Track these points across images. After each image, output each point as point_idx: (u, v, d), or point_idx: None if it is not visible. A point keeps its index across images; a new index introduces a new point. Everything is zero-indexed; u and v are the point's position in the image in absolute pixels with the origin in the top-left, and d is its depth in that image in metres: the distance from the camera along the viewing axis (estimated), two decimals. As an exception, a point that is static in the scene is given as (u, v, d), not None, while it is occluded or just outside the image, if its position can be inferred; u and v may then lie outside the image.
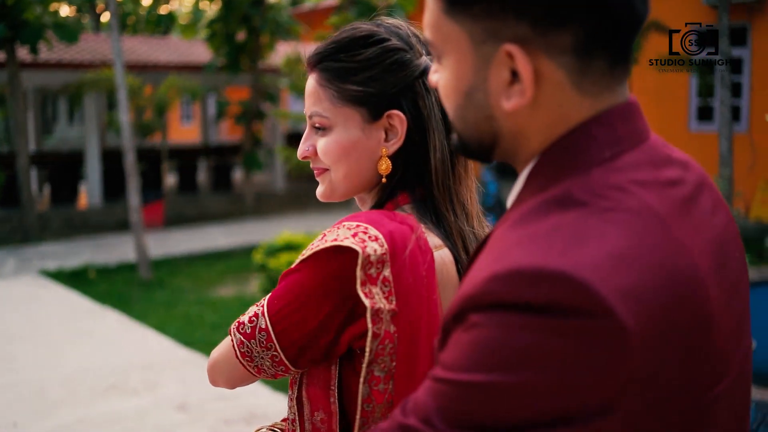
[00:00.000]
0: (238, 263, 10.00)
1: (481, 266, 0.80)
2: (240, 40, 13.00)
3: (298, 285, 1.17)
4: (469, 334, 0.76)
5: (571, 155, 0.83)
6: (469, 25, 0.84)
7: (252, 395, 5.23)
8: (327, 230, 1.18)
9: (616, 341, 0.72)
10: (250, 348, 1.21)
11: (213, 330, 7.07)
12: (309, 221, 12.67)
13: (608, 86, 0.84)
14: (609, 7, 0.79)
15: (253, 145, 13.68)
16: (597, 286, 0.72)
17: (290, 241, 5.88)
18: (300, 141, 1.32)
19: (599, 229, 0.77)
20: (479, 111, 0.87)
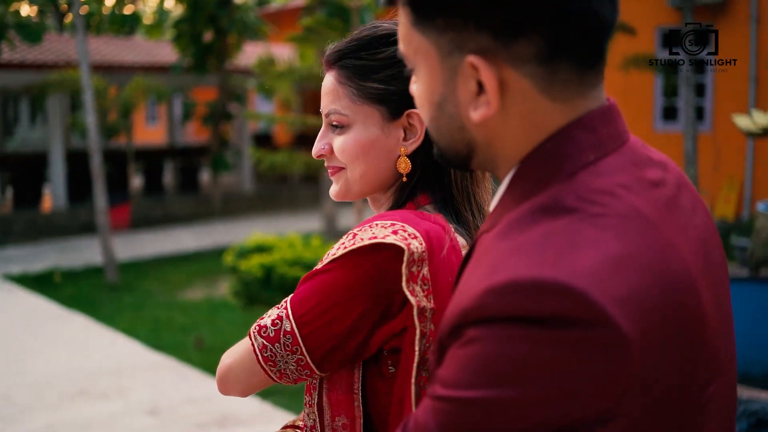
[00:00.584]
0: (206, 265, 9.92)
1: (474, 279, 0.79)
2: (207, 40, 12.90)
3: (328, 285, 1.14)
4: (467, 349, 0.75)
5: (555, 160, 0.83)
6: (435, 37, 0.84)
7: (224, 398, 5.18)
8: (356, 230, 1.15)
9: (616, 349, 0.71)
10: (274, 352, 1.17)
11: (183, 333, 7.00)
12: (278, 223, 12.61)
13: (579, 92, 0.83)
14: (569, 16, 0.78)
15: (220, 147, 13.59)
16: (594, 294, 0.71)
17: (261, 243, 5.84)
18: (266, 142, 1.30)
19: (591, 235, 0.76)
20: (451, 122, 0.88)
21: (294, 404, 5.21)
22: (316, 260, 5.57)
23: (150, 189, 14.88)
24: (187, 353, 6.34)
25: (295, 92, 14.09)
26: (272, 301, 5.58)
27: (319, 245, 5.83)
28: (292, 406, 5.15)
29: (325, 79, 1.28)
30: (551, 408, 0.71)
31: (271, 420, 4.86)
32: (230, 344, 5.21)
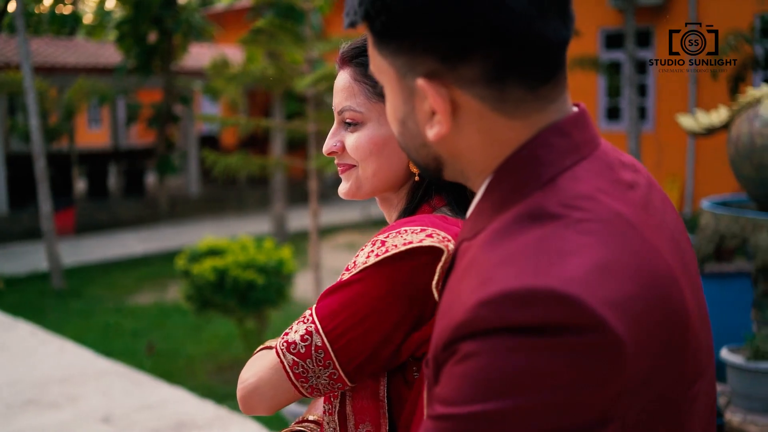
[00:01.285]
0: (154, 270, 9.79)
1: (463, 291, 0.79)
2: (151, 41, 12.71)
3: (360, 296, 1.12)
4: (464, 365, 0.75)
5: (532, 166, 0.84)
6: (391, 59, 0.87)
7: (179, 403, 5.13)
8: (382, 237, 1.13)
9: (612, 353, 0.73)
10: (306, 368, 1.15)
11: (133, 338, 6.90)
12: (226, 225, 12.50)
13: (537, 107, 0.84)
14: (509, 40, 0.79)
15: (166, 149, 13.40)
16: (587, 299, 0.73)
17: (213, 246, 5.77)
18: (213, 144, 1.29)
19: (578, 241, 0.77)
20: (414, 138, 0.91)
21: (250, 408, 5.18)
22: (269, 263, 5.54)
23: (94, 193, 14.60)
24: (138, 359, 6.25)
25: (242, 94, 13.97)
26: (225, 304, 5.53)
27: (272, 247, 5.80)
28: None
29: (339, 77, 1.26)
30: (553, 415, 0.72)
31: (228, 424, 4.82)
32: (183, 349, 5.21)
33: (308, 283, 8.58)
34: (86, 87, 12.45)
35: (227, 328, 6.91)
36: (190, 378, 5.84)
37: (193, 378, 5.84)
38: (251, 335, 5.95)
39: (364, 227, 12.42)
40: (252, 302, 5.50)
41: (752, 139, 3.48)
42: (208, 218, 13.73)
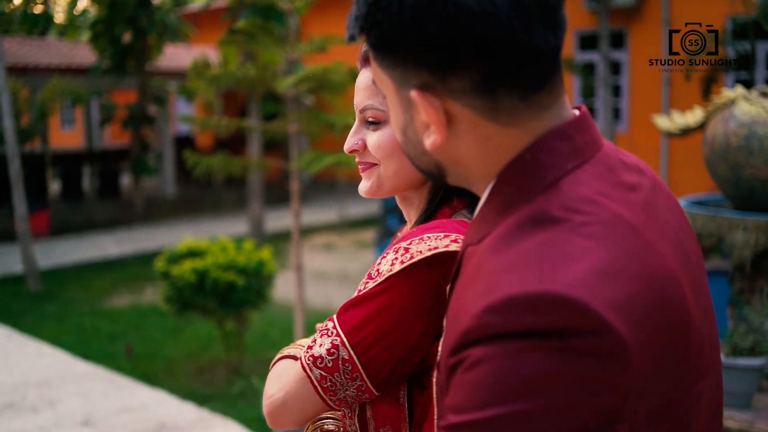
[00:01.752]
0: (131, 272, 9.73)
1: (469, 298, 0.81)
2: (126, 41, 12.62)
3: (385, 307, 1.11)
4: (473, 372, 0.76)
5: (535, 170, 0.86)
6: (388, 71, 0.90)
7: (160, 405, 5.12)
8: (405, 244, 1.13)
9: (617, 355, 0.75)
10: (334, 381, 1.15)
11: (111, 341, 6.85)
12: (202, 227, 12.45)
13: (531, 114, 0.86)
14: (495, 51, 0.81)
15: (142, 150, 13.31)
16: (591, 303, 0.74)
17: (193, 248, 5.76)
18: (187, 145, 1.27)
19: (581, 245, 0.79)
20: (415, 146, 0.94)
21: (230, 410, 5.17)
22: (249, 264, 5.53)
23: (68, 194, 14.45)
24: (117, 362, 6.22)
25: (217, 95, 13.91)
26: (206, 306, 5.52)
27: (252, 249, 5.80)
28: (228, 412, 5.12)
29: (362, 75, 1.26)
30: (563, 417, 0.74)
31: (210, 426, 4.82)
32: (162, 351, 5.20)
33: (288, 284, 8.57)
34: (60, 87, 12.34)
35: (206, 329, 6.89)
36: (170, 380, 5.82)
37: (173, 380, 5.82)
38: (231, 337, 5.94)
39: (342, 228, 12.43)
40: (232, 303, 5.49)
41: (727, 140, 3.54)
42: (184, 220, 13.65)
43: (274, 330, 7.07)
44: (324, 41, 3.93)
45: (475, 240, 0.89)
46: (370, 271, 1.17)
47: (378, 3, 0.84)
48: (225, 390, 5.59)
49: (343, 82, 3.82)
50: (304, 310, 4.13)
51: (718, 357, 0.96)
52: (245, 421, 4.98)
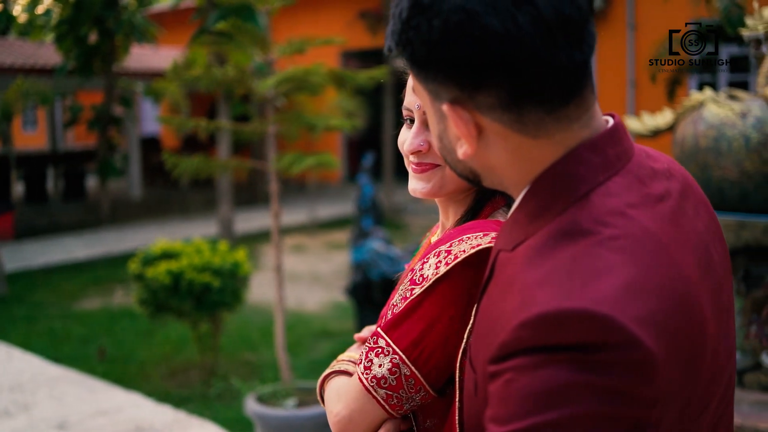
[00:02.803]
0: (100, 274, 9.63)
1: (505, 310, 0.85)
2: (92, 42, 12.49)
3: (437, 317, 1.14)
4: (512, 384, 0.80)
5: (568, 181, 0.90)
6: (424, 84, 0.94)
7: (135, 408, 5.09)
8: (445, 248, 1.14)
9: (644, 366, 0.79)
10: (400, 397, 1.18)
11: (82, 344, 6.80)
12: (170, 229, 12.36)
13: (559, 127, 0.89)
14: (518, 70, 0.85)
15: (108, 151, 13.18)
16: (619, 318, 0.78)
17: (167, 249, 5.74)
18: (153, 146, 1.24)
19: (609, 259, 0.83)
20: (450, 154, 0.98)
21: (207, 412, 5.17)
22: (224, 265, 5.53)
23: (32, 197, 14.27)
24: (89, 365, 6.17)
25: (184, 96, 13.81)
26: (181, 308, 5.50)
27: (226, 250, 5.79)
28: (206, 414, 5.11)
29: None
30: (595, 425, 0.78)
31: (187, 427, 4.81)
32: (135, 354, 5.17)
33: (261, 285, 8.56)
34: (24, 88, 12.16)
35: (179, 331, 6.86)
36: (144, 383, 5.79)
37: (148, 383, 5.79)
38: (205, 338, 5.93)
39: (312, 230, 12.42)
40: (207, 305, 5.48)
41: (697, 141, 3.63)
42: (152, 222, 13.54)
43: (248, 331, 7.06)
44: (303, 43, 3.96)
45: (508, 246, 0.93)
46: (412, 277, 1.18)
47: (409, 21, 0.88)
48: (201, 392, 5.58)
49: (323, 84, 3.85)
50: (283, 311, 4.14)
51: (732, 359, 1.00)
52: (223, 422, 4.98)
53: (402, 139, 1.31)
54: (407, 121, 1.31)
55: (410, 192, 1.30)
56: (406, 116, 1.30)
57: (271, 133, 4.05)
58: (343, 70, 3.93)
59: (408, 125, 1.31)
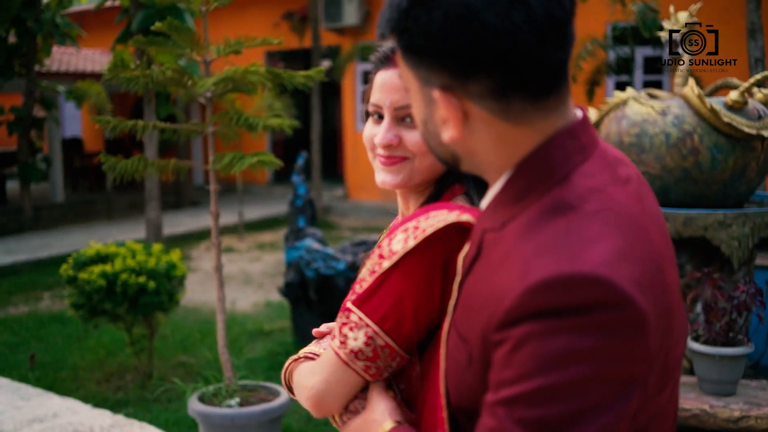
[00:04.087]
0: (25, 280, 9.40)
1: (505, 280, 0.91)
2: (11, 42, 12.13)
3: (406, 289, 1.19)
4: (521, 351, 0.87)
5: (548, 165, 0.98)
6: (414, 69, 1.02)
7: (73, 414, 5.02)
8: (413, 224, 1.19)
9: (640, 325, 0.87)
10: (378, 365, 1.23)
11: (11, 351, 6.64)
12: (96, 233, 12.12)
13: (540, 116, 0.98)
14: (510, 63, 0.93)
15: (30, 154, 12.82)
16: (616, 280, 0.86)
17: (101, 252, 5.66)
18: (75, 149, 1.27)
19: (597, 230, 0.91)
20: (434, 137, 1.06)
21: (146, 415, 5.14)
22: (159, 267, 5.49)
23: (-52, 202, 13.75)
24: (20, 372, 6.04)
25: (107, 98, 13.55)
26: (116, 311, 5.44)
27: (161, 252, 5.76)
28: (145, 417, 5.09)
29: (392, 75, 1.33)
30: (599, 382, 0.85)
31: (127, 431, 4.77)
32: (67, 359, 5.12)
33: (193, 287, 8.50)
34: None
35: (111, 335, 6.78)
36: (79, 388, 5.71)
37: (83, 388, 5.72)
38: (140, 341, 5.88)
39: (240, 231, 12.36)
40: (142, 307, 5.45)
41: (620, 138, 3.80)
42: (77, 226, 13.24)
43: (182, 333, 7.02)
44: (239, 43, 3.99)
45: (496, 225, 1.01)
46: (380, 253, 1.23)
47: (409, 11, 0.95)
48: (138, 395, 5.53)
49: (262, 83, 3.89)
50: (224, 310, 4.17)
51: (686, 326, 1.10)
52: (164, 424, 4.96)
53: (370, 133, 1.38)
54: (374, 117, 1.38)
55: (379, 183, 1.37)
56: (374, 112, 1.37)
57: (210, 133, 4.08)
58: (282, 70, 3.97)
59: (375, 120, 1.38)
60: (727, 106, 4.49)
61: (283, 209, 14.12)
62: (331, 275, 6.10)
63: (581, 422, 0.84)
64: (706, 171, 4.21)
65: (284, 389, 1.51)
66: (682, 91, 4.38)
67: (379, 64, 1.37)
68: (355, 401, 1.30)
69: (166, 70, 3.83)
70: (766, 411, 3.45)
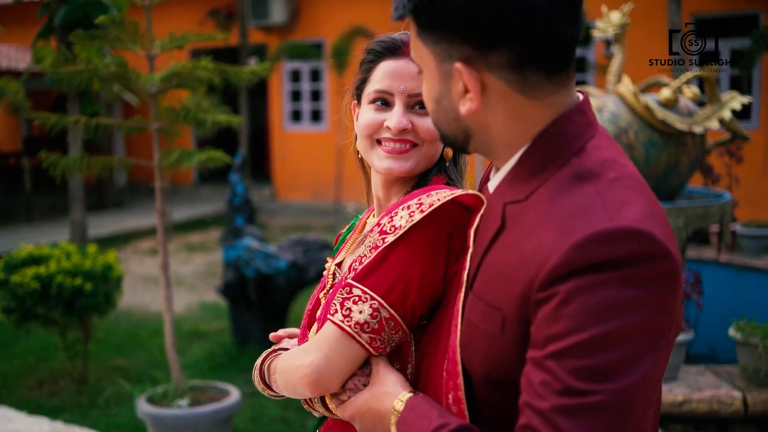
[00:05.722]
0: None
1: (544, 241, 0.96)
2: None
3: (410, 261, 1.22)
4: (570, 305, 0.91)
5: (563, 139, 1.05)
6: (432, 47, 1.07)
7: (7, 422, 4.84)
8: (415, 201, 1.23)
9: (675, 276, 0.94)
10: (383, 338, 1.24)
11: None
12: (17, 236, 11.68)
13: (552, 90, 1.05)
14: (531, 35, 1.00)
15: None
16: (655, 234, 0.93)
17: (33, 254, 5.47)
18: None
19: (625, 193, 0.98)
20: (447, 114, 1.10)
21: (84, 420, 5.00)
22: (95, 269, 5.34)
23: None
24: (-55, 381, 5.78)
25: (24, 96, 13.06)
26: (50, 315, 5.27)
27: (96, 253, 5.61)
28: (83, 422, 4.94)
29: (408, 64, 1.36)
30: (642, 330, 0.91)
31: (66, 437, 4.63)
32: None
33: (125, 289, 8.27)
34: None
35: (41, 340, 6.56)
36: (11, 395, 5.51)
37: (14, 395, 5.51)
38: (75, 345, 5.70)
39: (167, 232, 12.09)
40: (78, 310, 5.29)
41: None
42: None
43: (116, 336, 6.85)
44: (183, 38, 3.93)
45: (520, 197, 1.05)
46: (381, 229, 1.26)
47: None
48: (75, 400, 5.37)
49: (210, 79, 3.83)
50: (171, 310, 4.09)
51: None
52: (103, 429, 4.83)
53: (372, 118, 1.40)
54: (377, 103, 1.40)
55: (385, 171, 1.39)
56: (378, 98, 1.40)
57: (154, 129, 4.00)
58: (229, 66, 3.93)
59: (378, 107, 1.40)
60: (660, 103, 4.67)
61: (210, 210, 13.92)
62: (272, 274, 6.05)
63: (628, 368, 0.90)
64: (641, 166, 4.36)
65: (259, 386, 1.50)
66: (618, 89, 4.52)
67: (385, 53, 1.41)
68: (353, 379, 1.30)
69: (110, 65, 3.74)
70: (707, 395, 3.61)
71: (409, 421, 1.14)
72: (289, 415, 5.04)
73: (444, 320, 1.23)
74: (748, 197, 8.02)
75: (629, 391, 0.90)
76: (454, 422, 1.09)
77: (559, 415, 0.90)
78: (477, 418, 1.12)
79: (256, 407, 5.11)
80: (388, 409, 1.20)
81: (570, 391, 0.91)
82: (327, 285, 1.47)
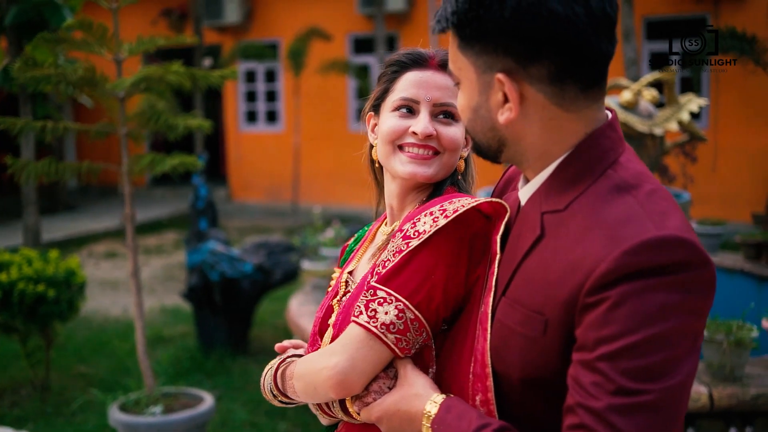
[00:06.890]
0: None
1: (593, 248, 1.01)
2: None
3: (434, 264, 1.25)
4: (620, 309, 0.97)
5: (598, 152, 1.11)
6: (473, 59, 1.12)
7: (-30, 433, 4.73)
8: (438, 208, 1.27)
9: (712, 282, 1.00)
10: (408, 340, 1.27)
11: None
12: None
13: (586, 104, 1.11)
14: (571, 49, 1.06)
15: None
16: (697, 243, 0.99)
17: None
18: None
19: (664, 204, 1.04)
20: (484, 123, 1.15)
21: (49, 429, 4.91)
22: (58, 275, 5.25)
23: None
24: None
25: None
26: (11, 323, 5.16)
27: (58, 258, 5.51)
28: (47, 431, 4.86)
29: (439, 77, 1.42)
30: (685, 333, 0.98)
31: (33, 447, 4.55)
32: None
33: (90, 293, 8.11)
34: None
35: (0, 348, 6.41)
36: (-30, 406, 5.38)
37: (-26, 405, 5.39)
38: (36, 353, 5.59)
39: (123, 235, 11.94)
40: (40, 317, 5.19)
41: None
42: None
43: (77, 343, 6.73)
44: (152, 41, 3.90)
45: (559, 207, 1.10)
46: (405, 234, 1.30)
47: (481, 1, 1.05)
48: (38, 409, 5.27)
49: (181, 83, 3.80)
50: (142, 316, 4.05)
51: None
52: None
53: (397, 124, 1.44)
54: (402, 111, 1.44)
55: (408, 175, 1.43)
56: (402, 105, 1.44)
57: (122, 134, 3.96)
58: (197, 69, 3.90)
59: (403, 114, 1.44)
60: (621, 105, 4.77)
61: (164, 212, 13.74)
62: (237, 278, 6.01)
63: (675, 368, 0.97)
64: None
65: (267, 394, 1.51)
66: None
67: (411, 65, 1.46)
68: (377, 381, 1.31)
69: (78, 68, 3.69)
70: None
71: (447, 421, 1.17)
72: (259, 420, 5.02)
73: (468, 325, 1.26)
74: (699, 195, 8.23)
75: (676, 390, 0.97)
76: (495, 422, 1.13)
77: (614, 414, 0.96)
78: (505, 419, 1.17)
79: (225, 412, 5.08)
80: (418, 411, 1.22)
81: (623, 390, 0.96)
82: (339, 293, 1.50)
